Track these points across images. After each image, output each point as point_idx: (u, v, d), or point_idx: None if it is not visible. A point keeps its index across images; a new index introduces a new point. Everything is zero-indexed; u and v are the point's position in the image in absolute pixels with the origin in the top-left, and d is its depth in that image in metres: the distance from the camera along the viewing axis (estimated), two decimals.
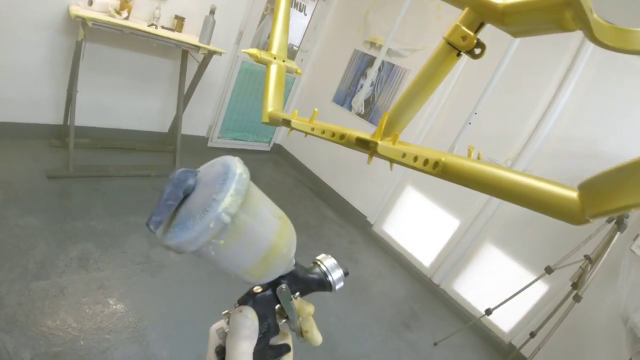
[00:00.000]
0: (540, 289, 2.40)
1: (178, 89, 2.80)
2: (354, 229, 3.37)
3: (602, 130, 2.33)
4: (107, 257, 1.87)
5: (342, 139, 0.75)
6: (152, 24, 2.45)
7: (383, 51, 3.27)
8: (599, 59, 2.33)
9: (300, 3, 3.57)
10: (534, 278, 2.14)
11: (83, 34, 2.07)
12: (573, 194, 0.37)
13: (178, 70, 2.81)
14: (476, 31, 0.53)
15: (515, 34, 0.51)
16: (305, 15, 3.64)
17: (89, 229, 2.00)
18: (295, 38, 3.72)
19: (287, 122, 0.77)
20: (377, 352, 2.08)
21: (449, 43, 0.54)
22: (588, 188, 0.34)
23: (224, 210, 0.27)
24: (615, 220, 1.91)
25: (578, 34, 1.73)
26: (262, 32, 3.44)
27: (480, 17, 0.52)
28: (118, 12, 2.26)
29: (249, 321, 0.35)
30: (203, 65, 2.80)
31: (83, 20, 2.00)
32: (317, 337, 0.40)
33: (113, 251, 1.92)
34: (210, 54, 2.67)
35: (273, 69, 1.14)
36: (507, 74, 2.42)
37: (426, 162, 0.52)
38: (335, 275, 0.41)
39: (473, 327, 2.51)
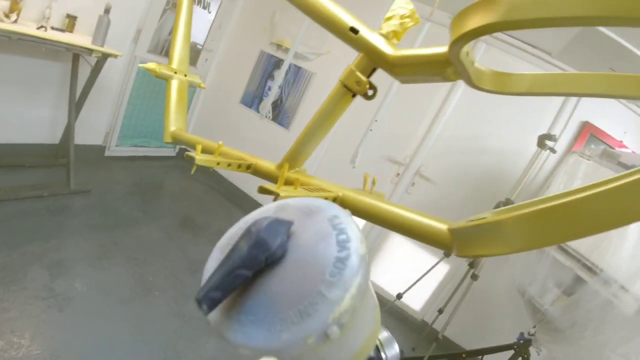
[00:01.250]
0: (442, 270, 2.75)
1: (69, 95, 2.47)
2: None
3: (484, 129, 2.75)
4: (10, 295, 1.66)
5: (249, 169, 0.77)
6: (42, 26, 2.11)
7: (290, 54, 3.33)
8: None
9: (204, 0, 3.42)
10: (436, 261, 2.43)
11: None
12: (443, 227, 0.46)
13: (69, 74, 2.48)
14: (369, 75, 0.60)
15: (403, 82, 0.59)
16: (210, 12, 3.49)
17: None
18: (199, 36, 3.55)
19: (190, 157, 0.74)
20: None
21: (344, 86, 0.60)
22: (455, 234, 0.42)
23: (335, 320, 0.18)
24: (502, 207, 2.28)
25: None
26: (162, 28, 3.21)
27: (373, 64, 0.59)
28: (7, 16, 1.92)
29: None
30: (97, 69, 2.51)
31: None
32: None
33: (14, 287, 1.70)
34: (105, 56, 2.41)
35: (174, 85, 1.08)
36: (402, 85, 2.68)
37: (326, 199, 0.58)
38: (390, 352, 0.33)
39: (389, 310, 2.75)
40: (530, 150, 2.46)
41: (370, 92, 0.61)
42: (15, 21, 1.96)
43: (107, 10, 2.33)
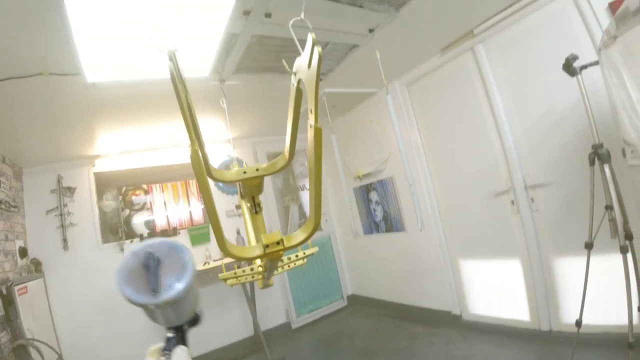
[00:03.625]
0: (602, 262, 2.15)
1: (245, 297, 3.59)
2: (447, 329, 3.27)
3: (543, 100, 2.57)
4: None
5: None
6: (206, 262, 3.46)
7: (369, 178, 3.97)
8: (496, 51, 2.79)
9: (302, 184, 4.62)
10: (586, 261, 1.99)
11: None
12: None
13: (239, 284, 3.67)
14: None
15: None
16: (306, 190, 4.65)
17: None
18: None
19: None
20: None
21: None
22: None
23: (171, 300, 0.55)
24: (595, 157, 1.92)
25: None
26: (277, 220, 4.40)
27: None
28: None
29: (189, 356, 0.57)
30: None
31: None
32: None
33: None
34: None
35: None
36: (451, 110, 2.91)
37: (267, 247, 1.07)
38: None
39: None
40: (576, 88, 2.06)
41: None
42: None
43: (238, 232, 3.60)
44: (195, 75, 2.41)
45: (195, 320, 0.65)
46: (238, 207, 4.02)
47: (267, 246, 1.05)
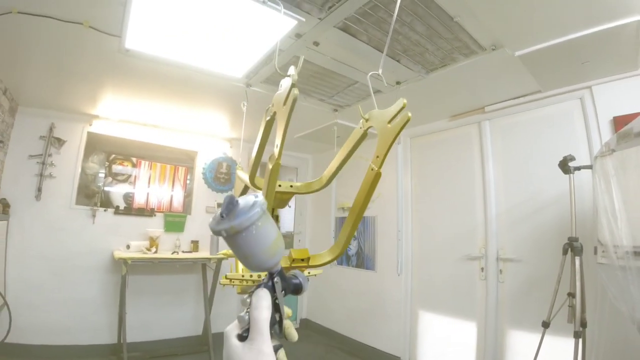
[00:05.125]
0: (555, 342, 2.31)
1: (203, 295, 3.53)
2: None
3: (530, 188, 2.80)
4: None
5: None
6: (175, 252, 3.39)
7: None
8: (497, 130, 3.02)
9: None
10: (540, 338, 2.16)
11: (125, 269, 2.95)
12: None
13: (201, 280, 3.61)
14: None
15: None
16: (290, 207, 4.69)
17: None
18: (289, 226, 4.66)
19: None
20: None
21: None
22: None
23: (260, 206, 0.48)
24: (569, 249, 2.13)
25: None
26: None
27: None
28: (148, 249, 3.24)
29: (267, 294, 0.50)
30: (217, 271, 3.61)
31: (124, 260, 2.91)
32: (294, 333, 0.54)
33: None
34: (220, 260, 3.52)
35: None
36: (444, 169, 3.08)
37: (294, 260, 1.11)
38: (305, 285, 0.59)
39: None
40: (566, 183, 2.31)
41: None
42: (155, 252, 3.20)
43: None
44: (227, 73, 2.48)
45: (293, 286, 0.57)
46: (220, 205, 4.00)
47: (294, 260, 1.12)
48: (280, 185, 1.24)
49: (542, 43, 2.09)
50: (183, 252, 3.52)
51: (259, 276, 1.64)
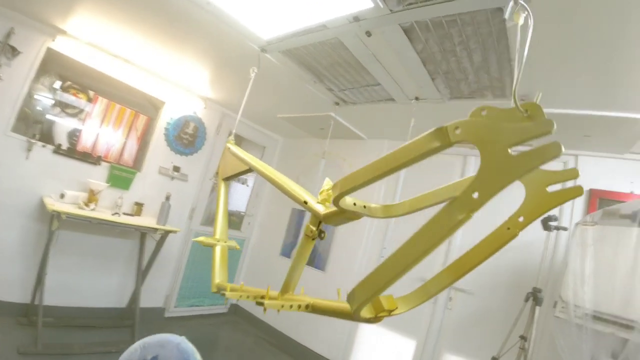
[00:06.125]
0: None
1: (137, 266, 3.10)
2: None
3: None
4: None
5: (263, 298, 1.15)
6: (116, 213, 2.90)
7: None
8: None
9: (243, 178, 4.34)
10: None
11: (57, 224, 2.45)
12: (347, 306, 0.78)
13: (137, 248, 3.16)
14: (318, 226, 1.02)
15: (334, 225, 1.01)
16: (248, 186, 4.38)
17: None
18: (241, 206, 4.35)
19: (260, 304, 1.07)
20: None
21: (306, 235, 1.04)
22: (349, 298, 0.76)
23: None
24: (532, 298, 2.29)
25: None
26: (211, 204, 4.04)
27: (317, 219, 1.02)
28: (86, 204, 2.71)
29: None
30: (160, 243, 3.19)
31: (58, 214, 2.40)
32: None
33: None
34: (167, 233, 3.11)
35: (217, 250, 1.58)
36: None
37: (300, 306, 0.94)
38: None
39: None
40: (542, 236, 2.51)
41: (322, 235, 1.04)
42: (94, 209, 2.71)
43: (167, 198, 3.13)
44: (250, 28, 2.13)
45: None
46: (177, 169, 3.55)
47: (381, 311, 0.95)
48: (365, 207, 1.05)
49: (562, 109, 2.19)
50: (124, 214, 3.04)
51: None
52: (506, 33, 1.67)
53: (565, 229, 2.39)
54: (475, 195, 0.61)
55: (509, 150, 0.58)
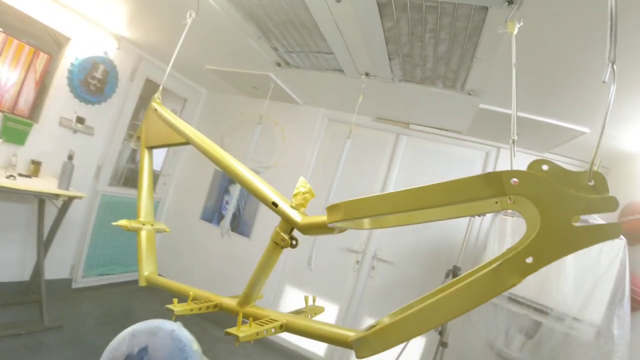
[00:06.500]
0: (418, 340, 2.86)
1: (37, 235, 2.59)
2: (252, 345, 3.34)
3: None
4: None
5: (216, 308, 0.99)
6: (11, 175, 2.30)
7: None
8: (410, 148, 3.30)
9: None
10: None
11: None
12: (350, 334, 0.70)
13: (36, 215, 2.62)
14: (290, 232, 0.88)
15: (309, 235, 0.88)
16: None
17: None
18: (156, 163, 3.89)
19: (170, 309, 0.92)
20: None
21: (274, 242, 0.88)
22: (354, 343, 0.66)
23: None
24: (451, 274, 2.51)
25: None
26: (120, 159, 3.53)
27: (289, 225, 0.88)
28: None
29: None
30: (63, 210, 2.70)
31: None
32: None
33: None
34: (71, 199, 2.62)
35: (143, 235, 1.31)
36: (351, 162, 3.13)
37: (275, 329, 0.82)
38: None
39: None
40: (464, 219, 2.77)
41: (294, 242, 0.90)
42: None
43: (70, 157, 2.60)
44: None
45: None
46: (82, 120, 2.95)
47: None
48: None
49: (505, 108, 2.32)
50: (20, 175, 2.45)
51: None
52: (480, 32, 1.64)
53: (482, 214, 2.65)
54: (529, 260, 0.57)
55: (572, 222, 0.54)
